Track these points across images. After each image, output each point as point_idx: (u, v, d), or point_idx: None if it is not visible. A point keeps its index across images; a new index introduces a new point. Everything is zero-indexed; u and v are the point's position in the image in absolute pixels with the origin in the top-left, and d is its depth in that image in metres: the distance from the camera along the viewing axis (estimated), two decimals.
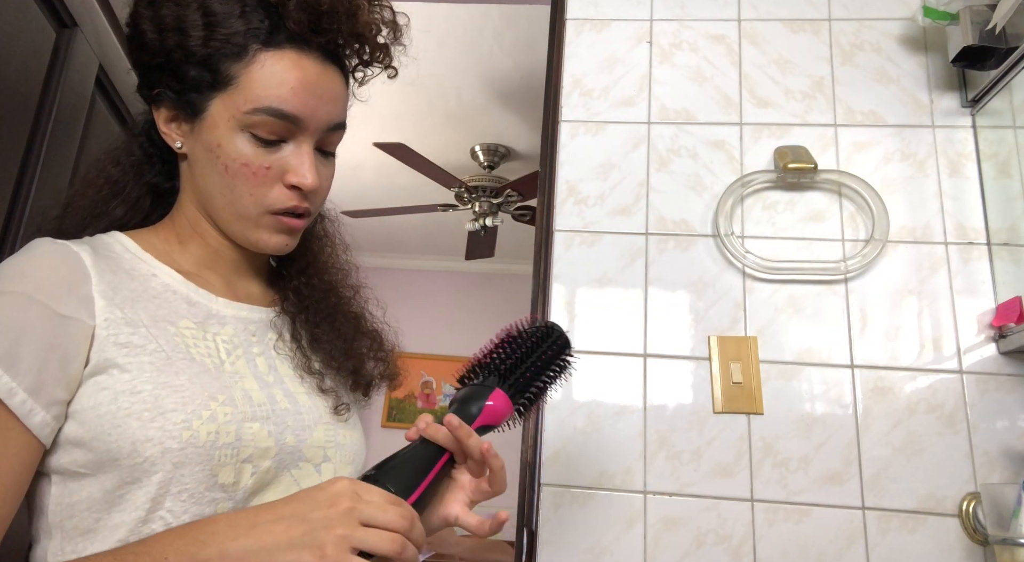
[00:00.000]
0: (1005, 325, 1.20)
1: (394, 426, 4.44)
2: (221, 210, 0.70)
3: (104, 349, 0.61)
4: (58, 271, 0.62)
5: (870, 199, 1.29)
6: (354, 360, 0.80)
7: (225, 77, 0.66)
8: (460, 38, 2.62)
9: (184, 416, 0.61)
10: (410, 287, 4.77)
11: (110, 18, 1.18)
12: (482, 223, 3.56)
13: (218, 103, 0.67)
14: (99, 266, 0.64)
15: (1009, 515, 1.03)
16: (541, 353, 0.74)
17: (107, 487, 0.60)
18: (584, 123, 1.43)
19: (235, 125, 0.67)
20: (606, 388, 1.27)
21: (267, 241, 0.71)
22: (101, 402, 0.60)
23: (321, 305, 0.80)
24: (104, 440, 0.59)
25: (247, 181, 0.68)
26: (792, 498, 1.19)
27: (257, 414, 0.66)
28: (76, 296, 0.61)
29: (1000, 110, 1.29)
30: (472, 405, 0.68)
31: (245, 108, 0.66)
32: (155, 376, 0.61)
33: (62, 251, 0.63)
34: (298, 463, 0.69)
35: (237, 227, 0.71)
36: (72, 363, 0.60)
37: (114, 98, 1.21)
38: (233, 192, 0.68)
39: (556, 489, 1.22)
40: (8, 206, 0.96)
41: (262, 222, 0.70)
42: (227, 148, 0.67)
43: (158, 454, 0.59)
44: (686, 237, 1.34)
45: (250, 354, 0.71)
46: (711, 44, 1.46)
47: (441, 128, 3.26)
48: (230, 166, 0.67)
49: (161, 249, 0.72)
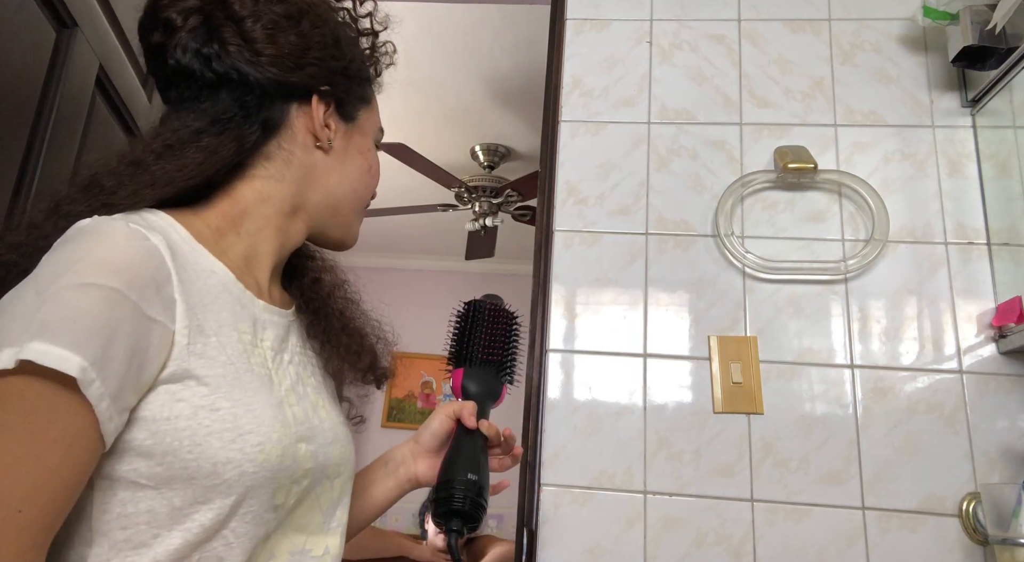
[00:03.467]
0: (1005, 325, 1.20)
1: (394, 426, 4.44)
2: (347, 204, 0.79)
3: (183, 358, 0.58)
4: (146, 267, 0.57)
5: (870, 199, 1.29)
6: (368, 354, 0.82)
7: (368, 96, 0.82)
8: (460, 38, 2.62)
9: (260, 438, 0.59)
10: (410, 287, 4.77)
11: (110, 18, 1.18)
12: (482, 223, 3.56)
13: (364, 115, 0.81)
14: (175, 262, 0.60)
15: (1009, 515, 1.03)
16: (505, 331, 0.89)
17: (175, 504, 0.57)
18: (584, 123, 1.43)
19: (373, 138, 0.82)
20: (606, 388, 1.27)
21: (356, 236, 0.83)
22: (178, 415, 0.57)
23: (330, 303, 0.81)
24: (181, 457, 0.56)
25: (376, 182, 0.83)
26: (792, 498, 1.19)
27: (303, 434, 0.65)
28: (161, 298, 0.58)
29: (1000, 110, 1.29)
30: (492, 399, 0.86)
31: (378, 125, 0.84)
32: (230, 392, 0.59)
33: (145, 242, 0.58)
34: (322, 480, 0.69)
35: (352, 218, 0.80)
36: (149, 368, 0.57)
37: (114, 98, 1.21)
38: (367, 189, 0.81)
39: (556, 489, 1.22)
40: (8, 206, 0.96)
41: (359, 217, 0.83)
42: (374, 153, 0.82)
43: (236, 477, 0.58)
44: (686, 237, 1.34)
45: (283, 362, 0.70)
46: (711, 44, 1.46)
47: (441, 128, 3.26)
48: (373, 167, 0.81)
49: (211, 240, 0.67)
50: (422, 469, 0.85)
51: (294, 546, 0.66)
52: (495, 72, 2.81)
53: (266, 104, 0.71)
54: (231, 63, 0.69)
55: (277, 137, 0.72)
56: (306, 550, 0.67)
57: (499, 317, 0.89)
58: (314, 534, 0.69)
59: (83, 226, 0.59)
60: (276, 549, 0.65)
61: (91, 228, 0.58)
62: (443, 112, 3.12)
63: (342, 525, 0.73)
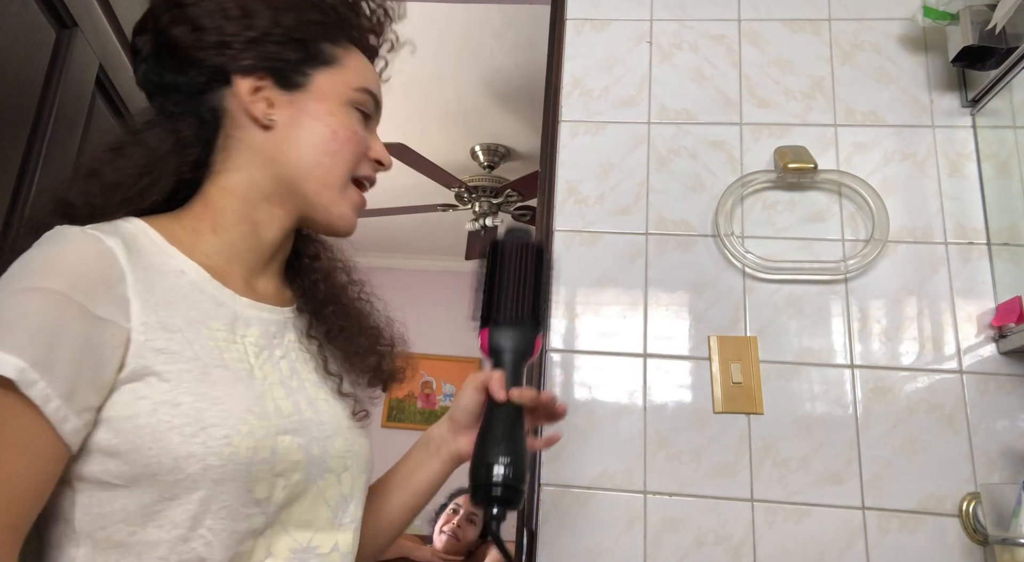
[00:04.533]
0: (1005, 325, 1.20)
1: (394, 426, 4.44)
2: (316, 178, 0.72)
3: (142, 355, 0.59)
4: (94, 268, 0.58)
5: (870, 199, 1.29)
6: (375, 356, 0.80)
7: (326, 56, 0.74)
8: (460, 38, 2.62)
9: (225, 431, 0.59)
10: (410, 287, 4.77)
11: (110, 18, 1.18)
12: (482, 223, 3.56)
13: (323, 78, 0.74)
14: (132, 262, 0.61)
15: (1009, 515, 1.03)
16: (544, 275, 0.80)
17: (144, 501, 0.57)
18: (584, 123, 1.43)
19: (344, 100, 0.74)
20: (606, 388, 1.27)
21: (347, 215, 0.75)
22: (140, 412, 0.57)
23: (337, 301, 0.80)
24: (144, 454, 0.57)
25: (352, 148, 0.74)
26: (792, 498, 1.19)
27: (287, 426, 0.64)
28: (112, 297, 0.58)
29: (1000, 110, 1.29)
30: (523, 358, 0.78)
31: (353, 85, 0.75)
32: (194, 386, 0.59)
33: (96, 244, 0.60)
34: (324, 474, 0.68)
35: (326, 197, 0.73)
36: (106, 368, 0.57)
37: (114, 98, 1.21)
38: (336, 157, 0.73)
39: (556, 489, 1.22)
40: (8, 206, 0.95)
41: (348, 192, 0.75)
42: (340, 117, 0.73)
43: (200, 471, 0.57)
44: (686, 237, 1.34)
45: (273, 357, 0.69)
46: (711, 44, 1.46)
47: (441, 128, 3.26)
48: (340, 131, 0.73)
49: (186, 241, 0.68)
50: (463, 445, 0.81)
51: (296, 543, 0.65)
52: (495, 72, 2.81)
53: (196, 98, 0.72)
54: (159, 71, 0.73)
55: (223, 127, 0.72)
56: (311, 547, 0.66)
57: (524, 258, 0.79)
58: (322, 530, 0.67)
59: (44, 235, 0.61)
60: (274, 546, 0.64)
61: (48, 236, 0.61)
62: (443, 112, 3.12)
63: (356, 521, 0.72)
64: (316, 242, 0.84)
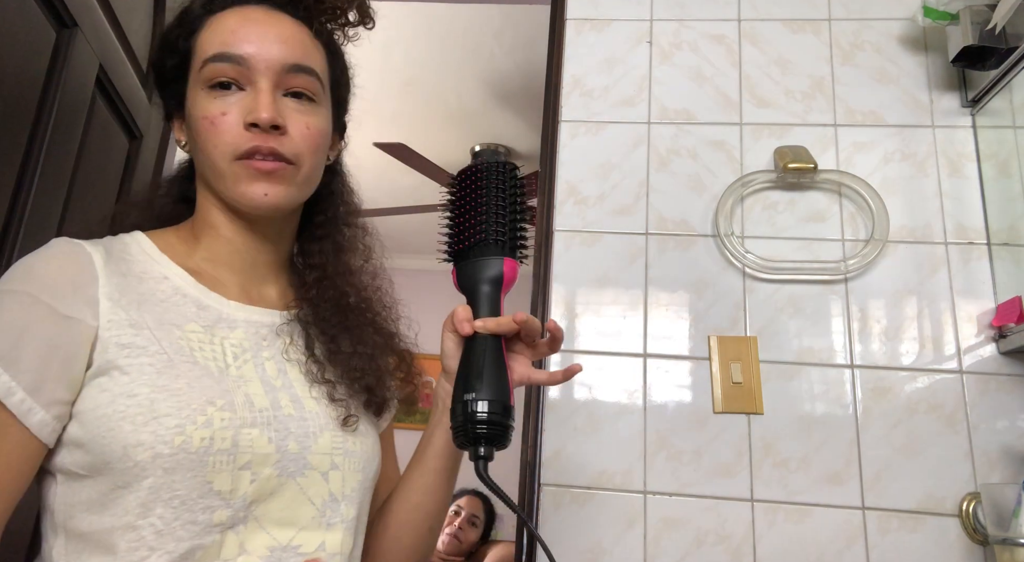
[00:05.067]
0: (1005, 325, 1.20)
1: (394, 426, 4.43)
2: (209, 179, 0.72)
3: (106, 350, 0.61)
4: (66, 271, 0.63)
5: (870, 199, 1.29)
6: (370, 378, 0.77)
7: (185, 54, 0.73)
8: (460, 38, 2.62)
9: (178, 421, 0.59)
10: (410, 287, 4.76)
11: (110, 18, 1.18)
12: None
13: (189, 93, 0.72)
14: (109, 268, 0.65)
15: (1009, 515, 1.03)
16: (504, 194, 0.73)
17: (102, 490, 0.59)
18: (584, 123, 1.43)
19: (196, 89, 0.70)
20: (606, 388, 1.27)
21: (248, 193, 0.68)
22: (100, 404, 0.60)
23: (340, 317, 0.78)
24: (99, 443, 0.59)
25: (209, 133, 0.68)
26: (792, 498, 1.19)
27: (257, 420, 0.64)
28: (81, 297, 0.62)
29: (1000, 110, 1.29)
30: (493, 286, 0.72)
31: (197, 66, 0.70)
32: (154, 379, 0.61)
33: (75, 251, 0.64)
34: (303, 471, 0.67)
35: (221, 188, 0.70)
36: (74, 364, 0.60)
37: (114, 98, 1.21)
38: (204, 152, 0.69)
39: (556, 489, 1.22)
40: (8, 206, 0.95)
41: (236, 173, 0.68)
42: (194, 112, 0.70)
43: (148, 459, 0.58)
44: (686, 237, 1.34)
45: (259, 358, 0.70)
46: (711, 44, 1.46)
47: (441, 128, 3.26)
48: (197, 127, 0.69)
49: (180, 249, 0.73)
50: None
51: (275, 541, 0.64)
52: (495, 72, 2.81)
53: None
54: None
55: None
56: (292, 546, 0.65)
57: (491, 179, 0.73)
58: (306, 529, 0.66)
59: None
60: (249, 543, 0.63)
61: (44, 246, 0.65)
62: (443, 112, 3.12)
63: (348, 521, 0.70)
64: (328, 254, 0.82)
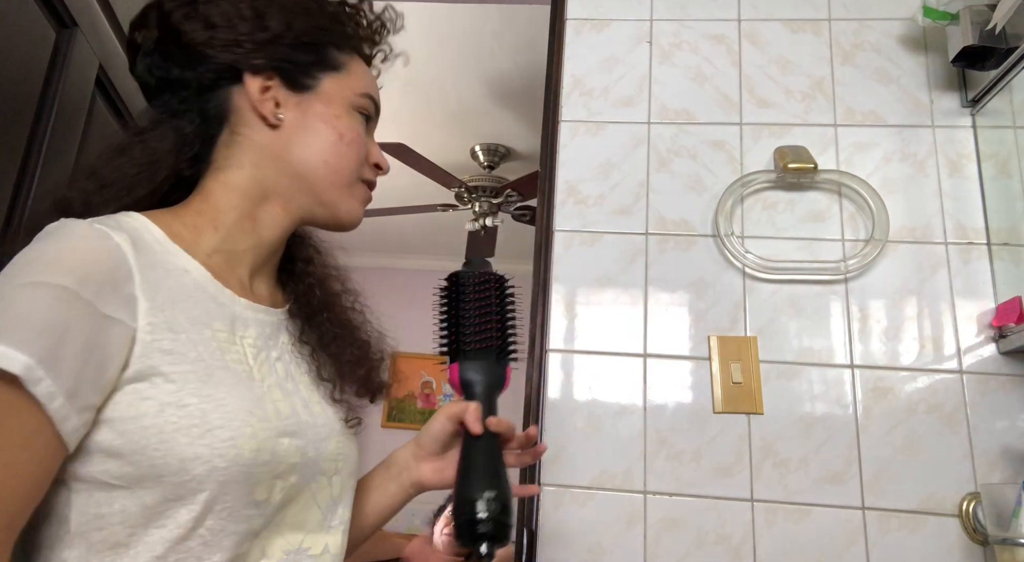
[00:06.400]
0: (1005, 325, 1.20)
1: (394, 426, 4.44)
2: (322, 177, 0.74)
3: (148, 355, 0.58)
4: (102, 265, 0.57)
5: (870, 199, 1.29)
6: (365, 367, 0.79)
7: (335, 62, 0.77)
8: (460, 38, 2.62)
9: (230, 433, 0.59)
10: (410, 287, 4.76)
11: (110, 18, 1.18)
12: (482, 223, 3.56)
13: (330, 82, 0.76)
14: (140, 260, 0.60)
15: (1009, 515, 1.03)
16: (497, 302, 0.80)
17: (146, 502, 0.57)
18: (584, 123, 1.43)
19: (348, 104, 0.76)
20: (606, 388, 1.27)
21: (354, 211, 0.77)
22: (145, 413, 0.57)
23: (331, 309, 0.80)
24: (149, 455, 0.56)
25: (357, 151, 0.76)
26: (792, 498, 1.19)
27: (286, 429, 0.65)
28: (121, 295, 0.58)
29: (1000, 110, 1.29)
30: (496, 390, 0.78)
31: (358, 91, 0.77)
32: (199, 388, 0.59)
33: (104, 240, 0.59)
34: (316, 476, 0.68)
35: (334, 194, 0.75)
36: (109, 367, 0.56)
37: (114, 98, 1.21)
38: (343, 159, 0.75)
39: (556, 489, 1.22)
40: (8, 206, 0.96)
41: (355, 190, 0.77)
42: (346, 121, 0.76)
43: (205, 473, 0.57)
44: (686, 237, 1.34)
45: (270, 359, 0.69)
46: (711, 44, 1.46)
47: (441, 128, 3.26)
48: (346, 135, 0.75)
49: (188, 239, 0.68)
50: (426, 473, 0.82)
51: (289, 545, 0.65)
52: (495, 72, 2.81)
53: (203, 94, 0.72)
54: (163, 65, 0.73)
55: (228, 124, 0.73)
56: (303, 549, 0.67)
57: (486, 288, 0.79)
58: (313, 532, 0.68)
59: (48, 228, 0.60)
60: (269, 548, 0.64)
61: (53, 229, 0.59)
62: (443, 112, 3.12)
63: (344, 523, 0.73)
64: (310, 246, 0.84)
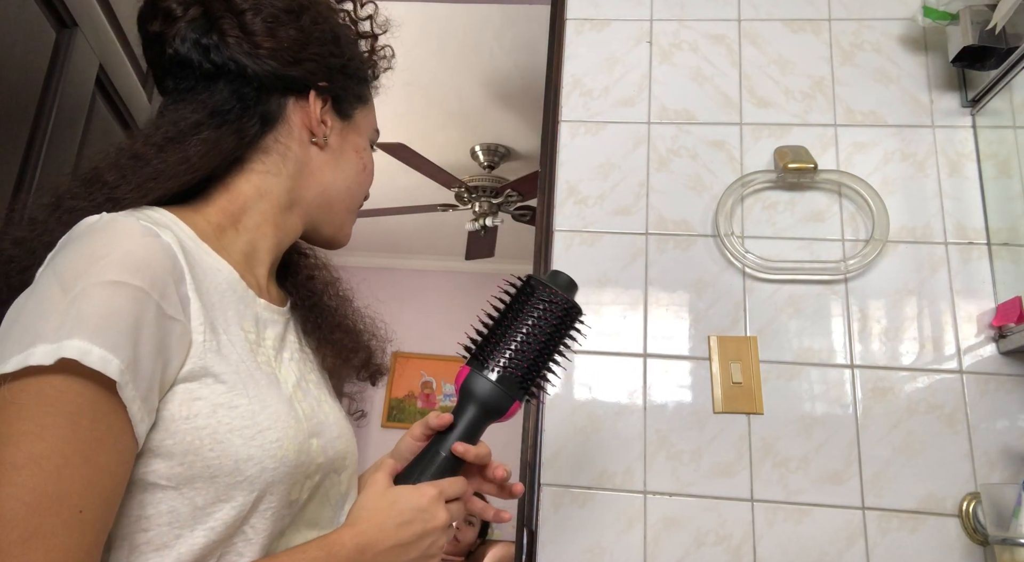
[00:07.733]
0: (1005, 325, 1.20)
1: (394, 426, 4.43)
2: (341, 201, 0.78)
3: (200, 355, 0.57)
4: (164, 265, 0.56)
5: (870, 199, 1.29)
6: (365, 352, 0.82)
7: (366, 96, 0.82)
8: (460, 38, 2.62)
9: (277, 434, 0.59)
10: (410, 287, 4.77)
11: (110, 18, 1.18)
12: (482, 223, 3.56)
13: (361, 115, 0.80)
14: (187, 260, 0.60)
15: (1009, 515, 1.03)
16: (560, 338, 0.72)
17: (198, 503, 0.56)
18: (584, 123, 1.43)
19: (368, 138, 0.82)
20: (606, 388, 1.27)
21: (350, 234, 0.82)
22: (197, 413, 0.56)
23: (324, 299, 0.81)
24: (203, 455, 0.56)
25: (369, 182, 0.82)
26: (792, 498, 1.19)
27: (313, 429, 0.66)
28: (178, 295, 0.57)
29: (1000, 110, 1.29)
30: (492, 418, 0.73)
31: (374, 125, 0.83)
32: (246, 389, 0.59)
33: (159, 240, 0.57)
34: (331, 475, 0.69)
35: (345, 217, 0.80)
36: (170, 367, 0.56)
37: (114, 98, 1.21)
38: (361, 188, 0.81)
39: (556, 489, 1.22)
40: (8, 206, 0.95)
41: (355, 216, 0.82)
42: (368, 153, 0.81)
43: (257, 473, 0.58)
44: (686, 237, 1.34)
45: (285, 359, 0.70)
46: (711, 44, 1.46)
47: (441, 128, 3.26)
48: (368, 167, 0.81)
49: (213, 238, 0.67)
50: None
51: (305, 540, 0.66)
52: (495, 72, 2.81)
53: (264, 97, 0.71)
54: (229, 54, 0.69)
55: (274, 131, 0.72)
56: None
57: (552, 312, 0.71)
58: (325, 528, 0.68)
59: (94, 222, 0.57)
60: (291, 544, 0.64)
61: (104, 225, 0.57)
62: (443, 112, 3.12)
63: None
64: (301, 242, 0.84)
